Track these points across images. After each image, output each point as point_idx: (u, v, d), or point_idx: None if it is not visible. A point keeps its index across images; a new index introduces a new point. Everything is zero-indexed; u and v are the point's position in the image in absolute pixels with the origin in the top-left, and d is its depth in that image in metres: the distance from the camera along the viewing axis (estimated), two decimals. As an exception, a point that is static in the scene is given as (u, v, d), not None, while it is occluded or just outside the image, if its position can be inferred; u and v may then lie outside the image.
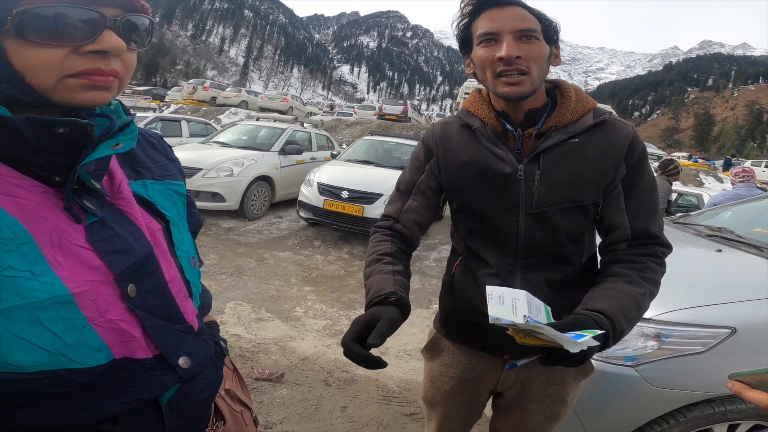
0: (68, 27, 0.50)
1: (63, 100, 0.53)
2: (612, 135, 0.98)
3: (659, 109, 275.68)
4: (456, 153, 1.05)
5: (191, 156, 6.02)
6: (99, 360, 0.54)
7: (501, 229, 1.02)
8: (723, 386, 1.52)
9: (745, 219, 2.73)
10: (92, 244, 0.56)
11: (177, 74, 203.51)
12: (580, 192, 0.98)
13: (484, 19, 0.94)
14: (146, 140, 0.76)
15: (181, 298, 0.66)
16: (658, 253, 0.99)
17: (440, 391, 1.20)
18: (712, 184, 14.74)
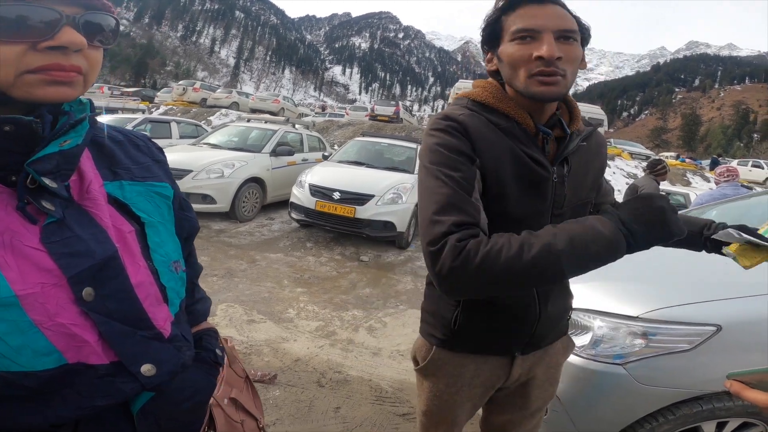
0: (26, 24, 0.51)
1: (23, 96, 0.53)
2: (599, 138, 1.08)
3: (647, 109, 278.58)
4: (494, 153, 0.91)
5: (181, 158, 5.98)
6: (46, 364, 0.53)
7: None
8: (710, 384, 1.55)
9: (730, 218, 2.77)
10: (46, 246, 0.55)
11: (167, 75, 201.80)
12: (588, 191, 1.05)
13: (522, 15, 0.88)
14: (130, 141, 0.75)
15: (150, 303, 0.64)
16: None
17: (447, 403, 1.14)
18: (699, 184, 14.93)
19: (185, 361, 0.68)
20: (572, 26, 0.88)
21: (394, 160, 6.80)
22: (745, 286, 1.71)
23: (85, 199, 0.61)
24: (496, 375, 1.11)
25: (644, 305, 1.66)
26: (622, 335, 1.63)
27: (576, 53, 0.89)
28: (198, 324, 0.87)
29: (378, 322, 3.56)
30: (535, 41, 0.86)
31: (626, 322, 1.64)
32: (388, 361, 2.96)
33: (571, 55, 0.88)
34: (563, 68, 0.87)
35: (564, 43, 0.87)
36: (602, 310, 1.71)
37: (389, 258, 5.35)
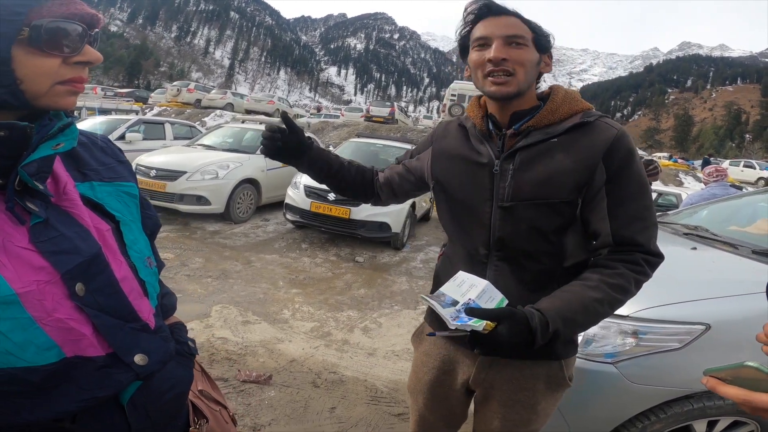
0: (66, 39, 0.57)
1: (48, 104, 0.58)
2: (592, 137, 0.98)
3: (640, 110, 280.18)
4: (448, 147, 1.18)
5: (175, 159, 5.97)
6: (49, 359, 0.56)
7: (476, 219, 1.08)
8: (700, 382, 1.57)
9: (720, 217, 2.80)
10: (35, 245, 0.57)
11: (161, 76, 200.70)
12: (551, 190, 0.98)
13: (480, 27, 1.03)
14: (93, 143, 0.78)
15: (135, 297, 0.67)
16: (639, 260, 0.96)
17: (421, 381, 1.27)
18: (691, 184, 15.05)
19: (171, 351, 0.72)
20: (520, 33, 0.99)
21: (390, 161, 6.78)
22: (734, 285, 1.73)
23: (63, 200, 0.64)
24: (462, 368, 1.18)
25: (634, 304, 1.66)
26: (612, 334, 1.64)
27: (525, 56, 0.99)
28: (167, 318, 0.90)
29: (373, 323, 3.57)
30: (488, 47, 1.00)
31: (617, 321, 1.65)
32: (383, 361, 2.97)
33: (520, 57, 0.99)
34: (512, 68, 0.98)
35: (513, 48, 0.99)
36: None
37: (384, 259, 5.36)
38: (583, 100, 1.06)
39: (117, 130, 7.63)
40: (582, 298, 0.92)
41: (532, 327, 0.85)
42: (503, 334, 0.83)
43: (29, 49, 0.55)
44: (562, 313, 0.88)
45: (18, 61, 0.54)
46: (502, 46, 0.98)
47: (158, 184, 5.65)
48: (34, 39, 0.54)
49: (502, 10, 1.02)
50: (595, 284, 0.93)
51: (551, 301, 0.91)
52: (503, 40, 0.98)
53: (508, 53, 0.98)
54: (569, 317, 0.89)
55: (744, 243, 2.12)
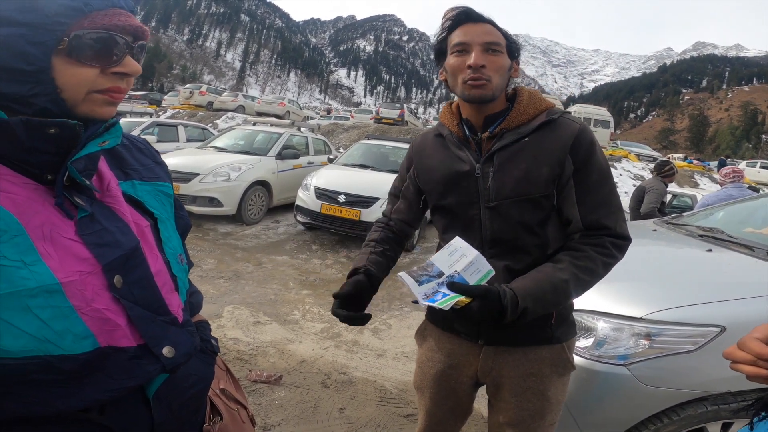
0: (106, 50, 0.59)
1: (86, 113, 0.60)
2: (558, 133, 1.07)
3: (654, 110, 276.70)
4: (429, 159, 1.22)
5: (188, 161, 6.04)
6: (84, 347, 0.57)
7: (467, 222, 1.15)
8: (715, 384, 1.56)
9: (736, 219, 2.76)
10: (81, 237, 0.60)
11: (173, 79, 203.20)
12: (529, 186, 1.06)
13: (459, 33, 1.08)
14: (134, 145, 0.81)
15: (167, 291, 0.69)
16: (606, 243, 1.05)
17: (427, 376, 1.30)
18: (707, 185, 14.80)
19: (197, 345, 0.74)
20: (497, 40, 1.06)
21: (399, 162, 6.80)
22: (750, 287, 1.71)
23: (107, 196, 0.67)
24: (468, 360, 1.21)
25: (648, 306, 1.66)
26: (625, 336, 1.63)
27: (501, 62, 1.06)
28: (193, 316, 0.92)
29: (383, 324, 3.57)
30: (467, 53, 1.06)
31: (630, 323, 1.63)
32: (393, 362, 2.97)
33: (496, 64, 1.06)
34: (488, 75, 1.04)
35: (490, 54, 1.05)
36: (606, 311, 1.71)
37: (394, 260, 5.35)
38: (545, 99, 1.14)
39: (132, 132, 7.71)
40: (552, 278, 1.01)
41: (503, 304, 0.94)
42: (474, 309, 0.92)
43: (68, 59, 0.57)
44: (532, 292, 0.98)
45: (57, 70, 0.56)
46: (481, 52, 1.04)
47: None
48: (73, 49, 0.56)
49: (480, 17, 1.09)
50: (564, 266, 1.02)
51: (523, 282, 1.00)
52: (482, 47, 1.05)
53: (486, 59, 1.04)
54: (539, 296, 0.98)
55: (760, 245, 2.08)
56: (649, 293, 1.78)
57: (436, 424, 1.35)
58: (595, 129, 19.91)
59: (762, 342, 0.62)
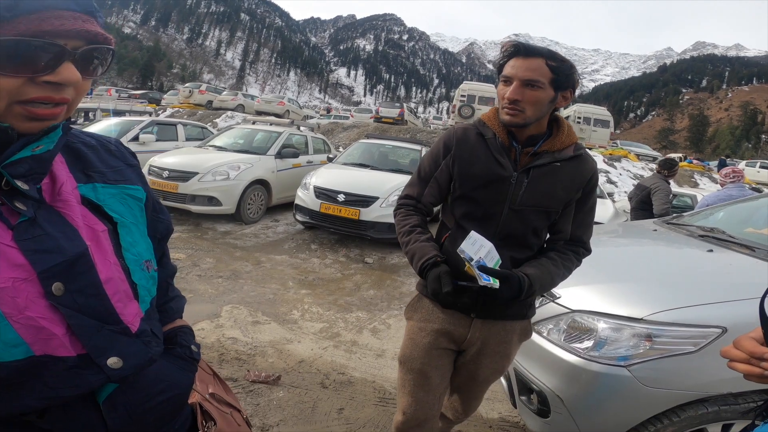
0: (31, 58, 0.53)
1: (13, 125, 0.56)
2: (582, 167, 1.34)
3: (654, 110, 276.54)
4: (471, 153, 1.36)
5: (187, 160, 6.02)
6: (15, 355, 0.55)
7: (488, 215, 1.35)
8: (716, 386, 1.55)
9: (737, 219, 2.75)
10: (18, 243, 0.57)
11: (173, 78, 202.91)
12: (550, 202, 1.33)
13: (509, 65, 1.26)
14: (103, 146, 0.78)
15: (119, 299, 0.66)
16: (580, 252, 1.43)
17: (419, 345, 1.44)
18: (707, 185, 14.79)
19: (153, 356, 0.71)
20: (537, 77, 1.21)
21: (399, 162, 6.80)
22: (751, 288, 1.69)
23: (57, 200, 0.64)
24: (458, 332, 1.42)
25: (649, 307, 1.65)
26: (626, 337, 1.62)
27: (537, 97, 1.23)
28: (172, 321, 0.89)
29: (382, 324, 3.56)
30: (509, 84, 1.25)
31: (630, 323, 1.63)
32: (392, 362, 2.96)
33: (531, 98, 1.23)
34: (522, 107, 1.24)
35: (528, 89, 1.23)
36: (606, 312, 1.71)
37: (393, 260, 5.35)
38: (575, 134, 1.37)
39: (131, 131, 7.71)
40: (551, 270, 1.33)
41: (522, 287, 1.23)
42: (503, 290, 1.19)
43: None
44: (540, 279, 1.28)
45: None
46: (519, 87, 1.23)
47: (170, 185, 5.71)
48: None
49: (530, 52, 1.23)
50: (558, 262, 1.36)
51: (533, 270, 1.29)
52: (521, 83, 1.22)
53: (522, 94, 1.22)
54: (544, 282, 1.30)
55: (761, 245, 2.08)
56: (649, 294, 1.77)
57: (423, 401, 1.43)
58: (595, 128, 19.87)
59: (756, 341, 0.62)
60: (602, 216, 4.88)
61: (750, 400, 1.58)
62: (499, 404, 2.56)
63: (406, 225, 1.41)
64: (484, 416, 2.43)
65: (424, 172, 1.46)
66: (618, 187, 13.03)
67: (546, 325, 1.85)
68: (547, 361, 1.77)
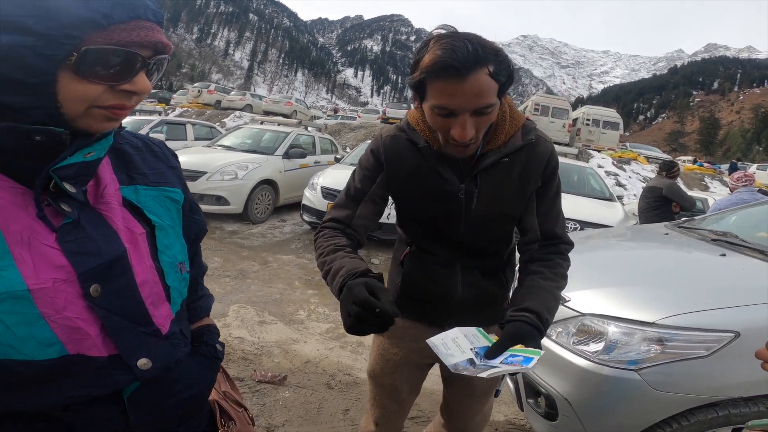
0: (116, 67, 0.56)
1: (83, 127, 0.58)
2: (533, 153, 1.10)
3: (664, 112, 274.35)
4: (406, 171, 1.13)
5: (196, 159, 6.05)
6: (49, 354, 0.56)
7: (445, 235, 1.17)
8: (727, 390, 1.53)
9: (749, 223, 2.71)
10: (60, 245, 0.58)
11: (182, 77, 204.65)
12: (508, 205, 1.12)
13: (442, 90, 0.89)
14: (147, 148, 0.79)
15: (152, 302, 0.67)
16: (562, 250, 1.17)
17: (389, 362, 1.33)
18: (717, 188, 14.62)
19: (179, 357, 0.72)
20: (488, 101, 0.90)
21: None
22: (765, 292, 1.68)
23: (100, 202, 0.65)
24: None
25: (661, 311, 1.64)
26: (636, 341, 1.61)
27: (490, 119, 0.96)
28: (199, 320, 0.90)
29: (388, 325, 3.55)
30: (453, 118, 0.92)
31: (641, 327, 1.61)
32: (399, 363, 2.95)
33: (485, 123, 0.96)
34: (475, 137, 0.95)
35: (478, 117, 0.92)
36: (617, 316, 1.69)
37: (400, 260, 5.34)
38: (519, 111, 1.12)
39: (141, 130, 7.79)
40: (550, 290, 1.08)
41: (536, 327, 0.98)
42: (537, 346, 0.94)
43: (74, 75, 0.53)
44: (546, 306, 1.04)
45: (61, 84, 0.53)
46: (469, 119, 0.91)
47: (179, 183, 5.75)
48: (82, 65, 0.53)
49: (468, 65, 0.85)
50: (549, 276, 1.11)
51: (533, 300, 1.04)
52: (470, 113, 0.91)
53: (476, 126, 0.93)
54: (549, 306, 1.05)
55: (774, 250, 2.04)
56: (661, 298, 1.75)
57: (393, 413, 1.41)
58: (604, 131, 19.71)
59: None
60: (612, 219, 4.84)
61: (761, 404, 1.56)
62: (505, 407, 2.54)
63: (330, 245, 1.06)
64: (491, 419, 2.42)
65: (354, 190, 1.16)
66: (627, 189, 12.92)
67: (555, 328, 1.84)
68: (555, 365, 1.76)
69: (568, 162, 6.71)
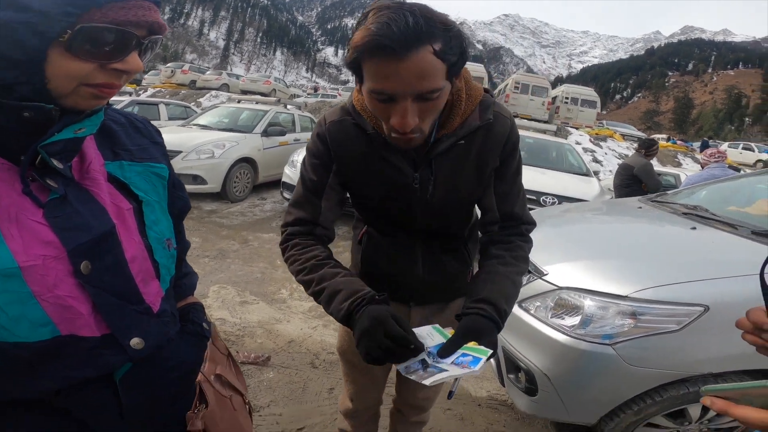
0: (109, 45, 0.55)
1: (70, 105, 0.56)
2: (491, 132, 1.00)
3: (640, 92, 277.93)
4: (354, 159, 1.03)
5: (170, 139, 5.88)
6: (42, 335, 0.55)
7: (400, 222, 1.11)
8: (698, 365, 1.55)
9: (720, 198, 2.78)
10: (48, 220, 0.57)
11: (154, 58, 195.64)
12: (466, 190, 1.05)
13: (377, 73, 0.78)
14: (131, 124, 0.78)
15: (142, 279, 0.66)
16: (523, 231, 1.10)
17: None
18: (689, 165, 15.05)
19: (170, 336, 0.72)
20: (432, 85, 0.78)
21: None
22: (734, 266, 1.71)
23: (85, 178, 0.64)
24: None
25: (633, 284, 1.66)
26: (611, 315, 1.63)
27: (437, 105, 0.84)
28: (185, 298, 0.90)
29: (371, 304, 3.56)
30: (392, 103, 0.81)
31: (615, 301, 1.63)
32: (381, 341, 2.97)
33: (431, 110, 0.84)
34: (421, 127, 0.84)
35: (422, 103, 0.81)
36: (592, 289, 1.71)
37: (382, 240, 5.34)
38: (476, 84, 1.01)
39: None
40: (508, 275, 1.01)
41: (493, 320, 0.91)
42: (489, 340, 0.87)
43: (65, 52, 0.52)
44: (503, 294, 0.96)
45: (51, 61, 0.52)
46: (412, 105, 0.80)
47: (153, 164, 5.60)
48: (74, 43, 0.52)
49: (408, 42, 0.73)
50: (509, 261, 1.04)
51: (489, 288, 0.96)
52: (413, 98, 0.79)
53: (420, 113, 0.82)
54: (508, 294, 0.98)
55: (743, 223, 2.10)
56: (634, 271, 1.78)
57: (367, 387, 1.41)
58: (582, 109, 20.04)
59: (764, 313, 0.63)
60: (588, 194, 4.96)
61: (730, 380, 1.59)
62: (487, 382, 2.59)
63: (309, 260, 1.00)
64: (473, 394, 2.47)
65: (311, 182, 1.06)
66: (603, 165, 13.18)
67: (533, 302, 1.86)
68: (534, 340, 1.77)
69: (546, 138, 6.82)
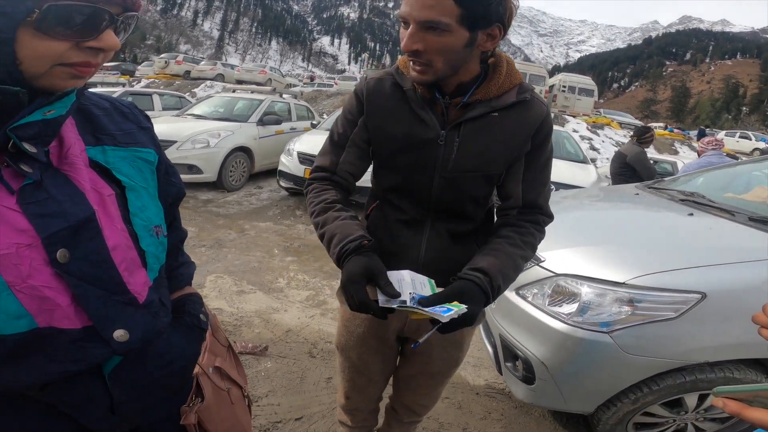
0: (81, 23, 0.52)
1: (46, 86, 0.54)
2: (526, 114, 1.02)
3: (637, 81, 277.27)
4: (385, 112, 1.07)
5: (165, 128, 5.84)
6: (18, 328, 0.53)
7: (417, 187, 1.08)
8: (694, 354, 1.53)
9: (716, 185, 2.78)
10: (22, 207, 0.54)
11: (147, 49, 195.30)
12: (488, 163, 1.04)
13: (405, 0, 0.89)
14: (116, 109, 0.75)
15: (126, 267, 0.63)
16: (540, 221, 1.10)
17: (353, 334, 1.27)
18: (686, 153, 15.10)
19: (160, 328, 0.68)
20: (436, 17, 0.85)
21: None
22: (731, 252, 1.69)
23: (64, 163, 0.61)
24: (394, 316, 1.12)
25: (630, 271, 1.64)
26: (608, 302, 1.61)
27: (442, 43, 0.88)
28: (181, 288, 0.87)
29: (368, 292, 3.56)
30: (407, 29, 0.90)
31: (613, 288, 1.62)
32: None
33: (435, 45, 0.88)
34: (428, 59, 0.90)
35: (428, 33, 0.87)
36: (589, 276, 1.69)
37: (379, 229, 5.33)
38: (517, 71, 1.05)
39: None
40: (511, 255, 1.01)
41: (484, 288, 0.92)
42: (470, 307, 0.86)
43: (36, 32, 0.50)
44: (502, 270, 0.96)
45: (22, 41, 0.50)
46: (417, 32, 0.88)
47: (148, 154, 5.57)
48: (44, 22, 0.50)
49: None
50: (516, 242, 1.03)
51: (489, 261, 0.97)
52: (418, 26, 0.87)
53: (424, 42, 0.89)
54: (506, 273, 0.97)
55: (741, 210, 2.08)
56: (631, 257, 1.76)
57: (363, 387, 1.37)
58: (579, 97, 20.04)
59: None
60: (585, 181, 4.99)
61: (726, 369, 1.59)
62: (485, 371, 2.60)
63: (320, 203, 1.07)
64: (471, 383, 2.47)
65: (337, 136, 1.13)
66: (600, 153, 13.21)
67: (531, 289, 1.84)
68: (531, 328, 1.76)
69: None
